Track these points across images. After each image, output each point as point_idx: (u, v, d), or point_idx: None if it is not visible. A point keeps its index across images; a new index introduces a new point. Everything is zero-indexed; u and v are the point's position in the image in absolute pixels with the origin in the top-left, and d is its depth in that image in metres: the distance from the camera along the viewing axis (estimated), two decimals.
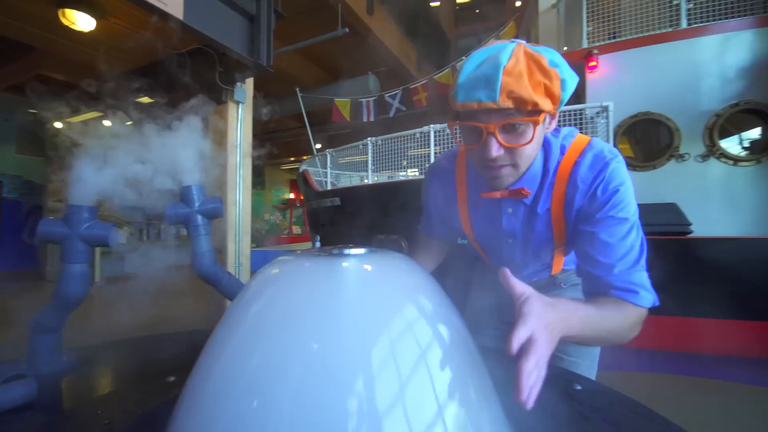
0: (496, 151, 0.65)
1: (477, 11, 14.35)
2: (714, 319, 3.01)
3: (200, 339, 0.47)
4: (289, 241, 11.71)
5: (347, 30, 5.65)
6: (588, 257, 0.70)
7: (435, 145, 3.96)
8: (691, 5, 3.57)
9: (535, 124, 0.64)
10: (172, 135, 1.07)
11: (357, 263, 0.47)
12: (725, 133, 3.36)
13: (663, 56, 3.54)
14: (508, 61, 0.60)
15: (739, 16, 3.40)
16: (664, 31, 3.65)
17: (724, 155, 3.29)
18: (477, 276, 1.13)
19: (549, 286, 0.98)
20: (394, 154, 4.42)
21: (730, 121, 3.35)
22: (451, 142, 3.89)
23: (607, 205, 0.69)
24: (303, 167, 5.68)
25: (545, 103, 0.63)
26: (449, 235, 1.01)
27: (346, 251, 0.49)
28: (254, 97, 3.49)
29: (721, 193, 3.28)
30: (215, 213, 1.01)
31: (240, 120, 3.31)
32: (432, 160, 3.92)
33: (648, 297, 0.66)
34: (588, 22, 4.05)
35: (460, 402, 0.40)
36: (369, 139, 4.55)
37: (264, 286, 0.46)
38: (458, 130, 0.71)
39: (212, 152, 1.18)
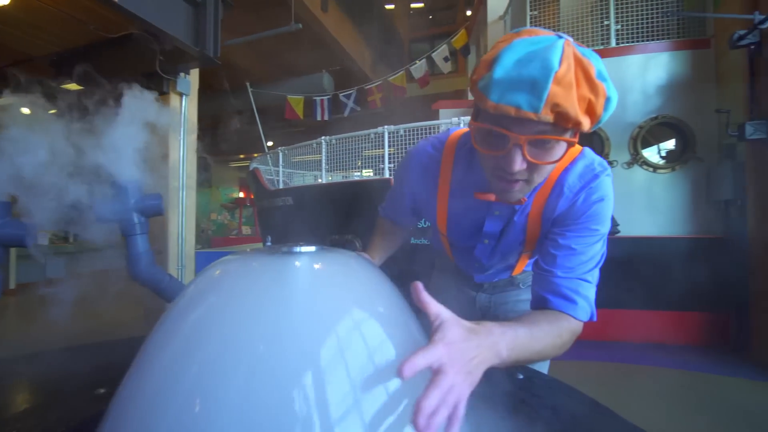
0: (519, 165, 0.57)
1: (430, 17, 14.73)
2: (636, 311, 3.35)
3: (134, 347, 0.43)
4: (238, 242, 11.20)
5: (300, 26, 5.54)
6: (548, 256, 0.69)
7: (389, 146, 4.00)
8: (619, 26, 3.94)
9: (569, 144, 0.57)
10: (103, 125, 0.99)
11: (307, 261, 0.46)
12: (646, 143, 3.75)
13: None
14: (560, 65, 0.51)
15: (657, 39, 3.81)
16: (596, 48, 3.99)
17: (646, 163, 3.67)
18: (436, 271, 1.14)
19: (507, 286, 1.00)
20: (349, 154, 4.40)
21: (650, 133, 3.74)
22: (405, 144, 3.95)
23: (585, 215, 0.67)
24: (253, 165, 5.47)
25: (585, 122, 0.54)
26: (413, 222, 0.98)
27: (296, 249, 0.48)
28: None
29: (643, 197, 3.65)
30: (154, 211, 0.94)
31: (184, 113, 3.12)
32: (386, 161, 3.95)
33: (585, 310, 0.66)
34: None
35: (404, 401, 0.40)
36: (323, 138, 4.49)
37: (206, 286, 0.44)
38: (477, 130, 0.61)
39: (152, 146, 1.10)
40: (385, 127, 3.99)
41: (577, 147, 0.72)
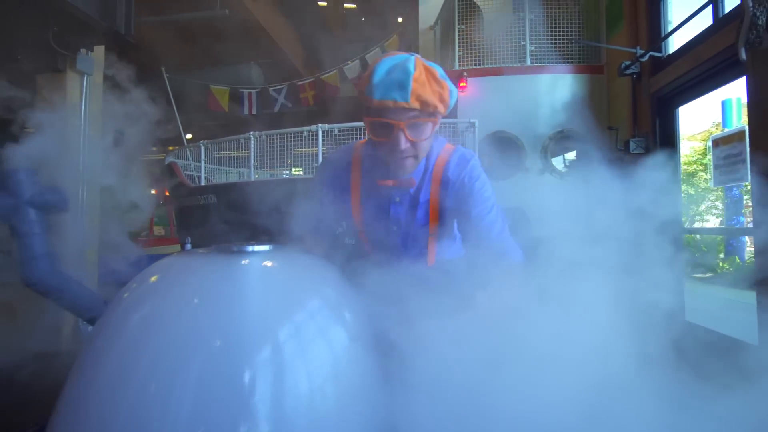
0: (404, 144, 0.82)
1: (363, 19, 14.82)
2: None
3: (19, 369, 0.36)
4: (150, 244, 10.01)
5: (227, 12, 5.17)
6: (473, 231, 0.93)
7: (323, 145, 3.94)
8: (533, 47, 4.39)
9: (434, 123, 0.85)
10: None
11: (262, 261, 0.43)
12: (555, 153, 4.23)
13: (514, 85, 4.26)
14: (415, 70, 0.78)
15: (563, 62, 4.32)
16: (515, 65, 4.39)
17: (554, 170, 4.13)
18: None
19: None
20: (279, 151, 4.25)
21: (558, 144, 4.23)
22: (338, 143, 3.94)
23: (474, 188, 0.93)
24: (170, 159, 5.00)
25: (441, 107, 0.83)
26: (332, 229, 1.08)
27: (249, 248, 0.45)
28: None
29: (552, 201, 4.11)
30: (56, 206, 0.80)
31: (84, 95, 2.70)
32: (321, 159, 3.89)
33: (518, 252, 0.91)
34: (459, 47, 4.60)
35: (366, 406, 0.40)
36: (251, 133, 4.27)
37: (147, 294, 0.37)
38: (370, 125, 0.85)
39: (45, 133, 0.95)
40: (319, 125, 3.93)
41: (451, 145, 0.98)
